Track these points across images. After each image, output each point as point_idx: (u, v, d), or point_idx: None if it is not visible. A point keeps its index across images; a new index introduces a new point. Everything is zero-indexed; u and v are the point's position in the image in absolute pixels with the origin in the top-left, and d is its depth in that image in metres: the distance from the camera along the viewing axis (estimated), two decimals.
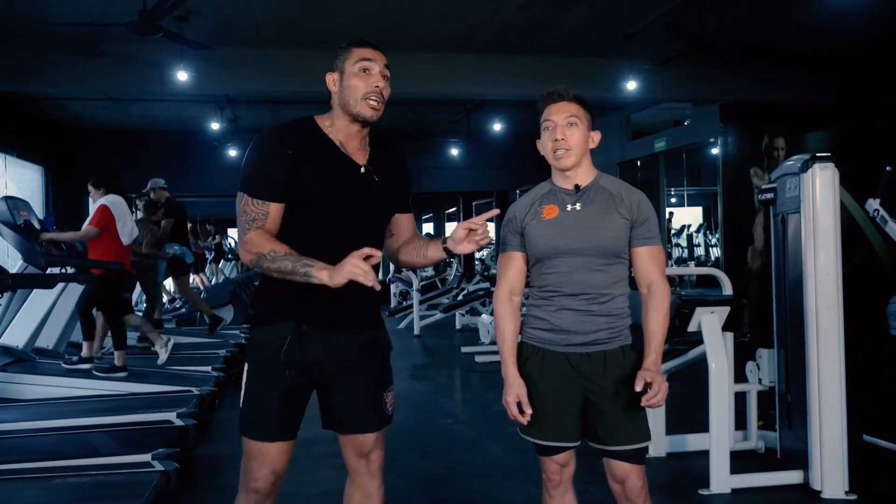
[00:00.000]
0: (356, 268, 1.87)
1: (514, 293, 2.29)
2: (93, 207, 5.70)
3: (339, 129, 2.08)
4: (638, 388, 2.08)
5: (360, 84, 2.03)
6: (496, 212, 2.18)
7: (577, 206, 2.21)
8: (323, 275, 1.90)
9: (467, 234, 2.09)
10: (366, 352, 2.12)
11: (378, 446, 2.16)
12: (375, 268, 2.05)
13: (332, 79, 2.08)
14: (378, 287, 1.91)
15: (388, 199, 2.18)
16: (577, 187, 2.23)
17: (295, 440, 2.11)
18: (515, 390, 2.16)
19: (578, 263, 2.17)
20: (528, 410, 2.14)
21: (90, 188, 5.83)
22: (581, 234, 2.17)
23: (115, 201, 5.67)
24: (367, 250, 1.90)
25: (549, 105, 2.23)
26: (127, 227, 5.69)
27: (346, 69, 2.05)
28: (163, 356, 5.95)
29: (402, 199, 2.25)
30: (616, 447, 2.18)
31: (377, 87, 2.03)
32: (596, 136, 2.25)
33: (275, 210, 2.01)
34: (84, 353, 5.73)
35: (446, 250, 2.14)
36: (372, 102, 2.03)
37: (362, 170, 2.09)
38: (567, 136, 2.19)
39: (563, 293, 2.19)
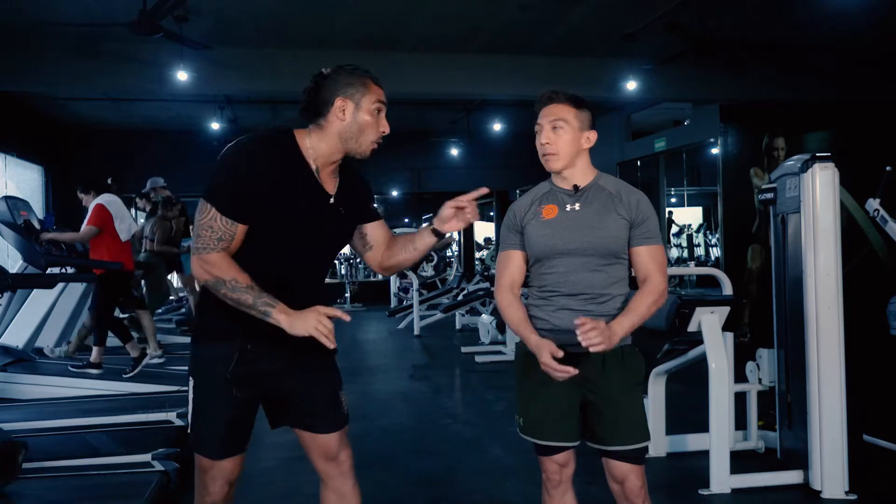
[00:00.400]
0: (320, 325, 1.87)
1: (514, 286, 2.29)
2: (89, 208, 5.70)
3: (321, 154, 2.01)
4: (580, 328, 2.02)
5: (373, 126, 2.00)
6: (485, 190, 2.12)
7: (577, 207, 2.21)
8: (282, 318, 1.88)
9: (455, 212, 2.07)
10: (313, 357, 2.07)
11: (345, 445, 2.16)
12: (319, 287, 2.11)
13: (344, 106, 1.98)
14: (333, 346, 1.90)
15: (348, 227, 2.15)
16: (575, 188, 2.23)
17: (245, 452, 2.12)
18: (546, 348, 2.10)
19: (577, 263, 2.17)
20: (560, 354, 2.08)
21: (80, 195, 5.82)
22: (580, 234, 2.17)
23: (110, 199, 5.67)
24: (337, 312, 1.91)
25: (539, 108, 2.24)
26: (125, 224, 5.69)
27: (363, 105, 1.99)
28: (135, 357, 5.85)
29: (367, 212, 2.20)
30: (615, 447, 2.18)
31: (384, 132, 2.03)
32: (591, 136, 2.23)
33: (241, 231, 1.95)
34: (93, 357, 5.58)
35: (435, 232, 2.11)
36: (375, 146, 2.03)
37: (331, 200, 2.04)
38: (551, 140, 2.19)
39: (562, 293, 2.19)
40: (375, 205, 2.28)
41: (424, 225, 2.14)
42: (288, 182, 1.96)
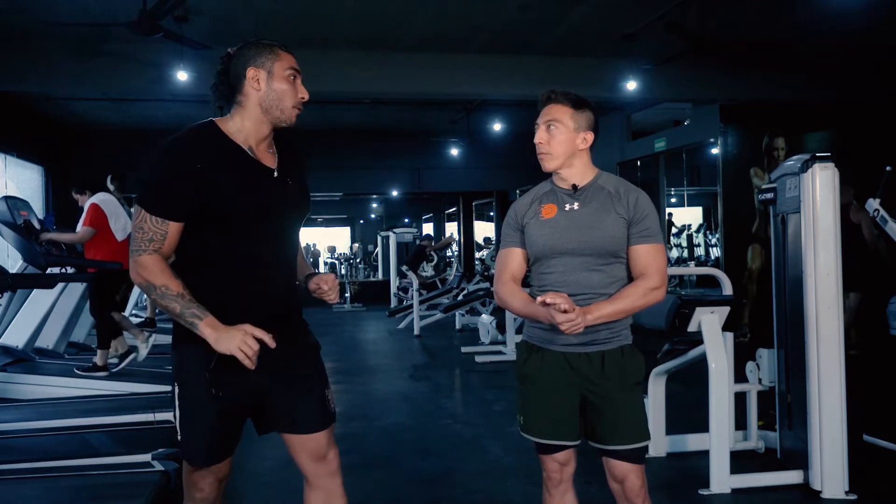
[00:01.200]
0: (245, 345, 1.83)
1: (515, 280, 2.28)
2: (84, 208, 5.68)
3: (249, 133, 2.00)
4: (558, 304, 2.00)
5: (290, 91, 1.99)
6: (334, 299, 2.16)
7: (575, 206, 2.21)
8: (208, 332, 1.86)
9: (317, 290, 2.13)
10: (298, 355, 2.08)
11: (332, 445, 2.14)
12: (292, 272, 2.11)
13: (256, 75, 1.97)
14: (253, 367, 1.86)
15: (300, 202, 2.11)
16: (574, 187, 2.23)
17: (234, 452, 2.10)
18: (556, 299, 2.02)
19: (576, 263, 2.17)
20: (569, 304, 2.02)
21: (76, 196, 5.80)
22: (578, 233, 2.17)
23: (104, 199, 5.66)
24: (264, 336, 1.86)
25: (539, 107, 2.26)
26: (120, 223, 5.67)
27: (275, 72, 1.98)
28: (143, 352, 5.91)
29: (309, 204, 2.18)
30: (615, 447, 2.18)
31: (303, 97, 2.02)
32: (588, 137, 2.23)
33: (174, 230, 1.92)
34: (97, 361, 5.56)
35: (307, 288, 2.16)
36: (297, 111, 2.02)
37: (275, 174, 2.02)
38: (544, 139, 2.20)
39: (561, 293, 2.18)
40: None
41: (308, 275, 2.19)
42: (222, 166, 1.94)
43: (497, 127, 12.84)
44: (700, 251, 15.37)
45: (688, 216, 15.62)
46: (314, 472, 2.12)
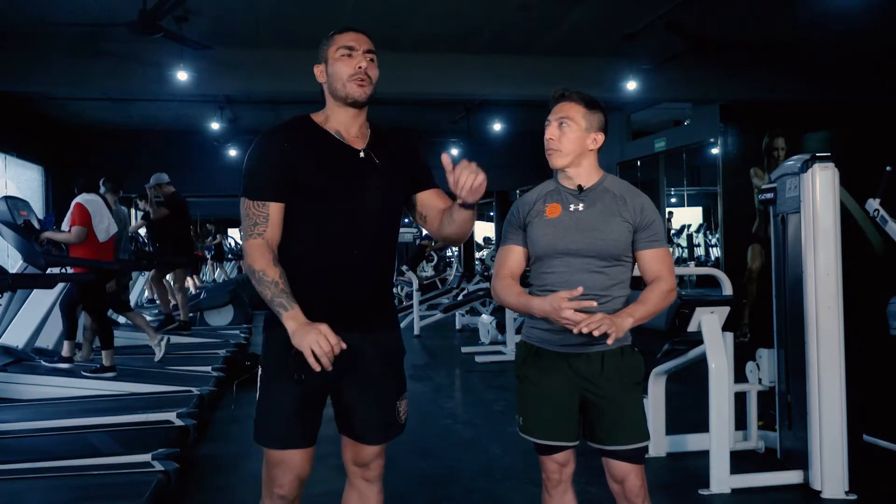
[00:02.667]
0: (317, 345, 1.80)
1: (513, 276, 2.27)
2: (71, 207, 5.65)
3: (336, 119, 2.05)
4: (587, 328, 1.99)
5: (343, 67, 2.01)
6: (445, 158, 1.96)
7: (580, 207, 2.21)
8: (290, 324, 1.86)
9: (457, 182, 1.92)
10: (379, 357, 2.05)
11: (380, 456, 2.11)
12: (383, 270, 2.06)
13: (319, 70, 2.07)
14: (318, 369, 1.81)
15: (391, 182, 2.07)
16: (579, 188, 2.23)
17: (315, 445, 2.05)
18: (558, 301, 2.02)
19: (578, 264, 2.17)
20: (578, 291, 2.02)
21: (77, 193, 5.80)
22: (581, 235, 2.17)
23: (88, 199, 5.65)
24: (340, 343, 1.82)
25: (551, 104, 2.25)
26: (103, 225, 5.67)
27: (329, 56, 2.03)
28: (158, 354, 6.02)
29: (416, 177, 2.13)
30: (615, 447, 2.18)
31: (361, 66, 2.00)
32: (599, 138, 2.23)
33: (275, 211, 1.96)
34: (64, 351, 5.71)
35: (464, 206, 1.98)
36: (358, 81, 2.00)
37: (361, 154, 2.03)
38: (556, 136, 2.20)
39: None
40: (429, 172, 2.18)
41: (451, 203, 2.05)
42: (310, 148, 1.99)
43: (497, 127, 12.84)
44: (700, 251, 15.38)
45: (688, 216, 15.63)
46: (354, 473, 2.13)
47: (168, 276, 8.17)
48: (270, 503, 2.05)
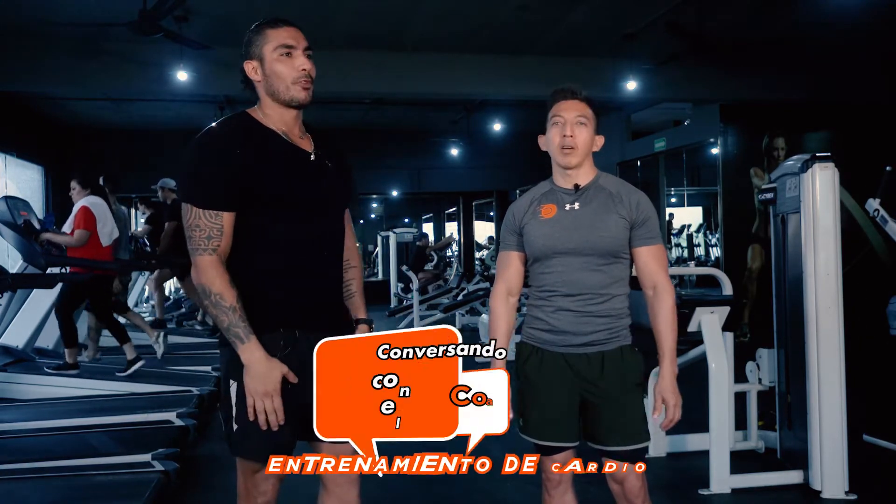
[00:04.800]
0: (261, 403, 1.81)
1: (511, 293, 2.29)
2: (75, 209, 5.63)
3: (278, 119, 1.95)
4: (655, 416, 2.16)
5: (284, 69, 1.91)
6: None
7: (576, 206, 2.20)
8: (246, 357, 1.82)
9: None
10: None
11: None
12: (339, 261, 2.02)
13: (251, 67, 1.95)
14: (264, 427, 1.84)
15: (343, 184, 2.04)
16: (576, 187, 2.23)
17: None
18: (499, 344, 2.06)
19: (576, 263, 2.17)
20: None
21: (75, 185, 5.74)
22: (578, 233, 2.17)
23: (94, 202, 5.62)
24: (290, 377, 1.83)
25: (559, 101, 2.21)
26: (107, 229, 5.65)
27: (265, 55, 1.92)
28: (159, 351, 6.08)
29: (350, 192, 2.12)
30: (614, 447, 2.18)
31: (304, 69, 1.91)
32: (599, 140, 2.24)
33: (228, 222, 1.85)
34: (68, 358, 5.51)
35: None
36: (303, 84, 1.92)
37: (312, 157, 1.96)
38: (576, 133, 2.18)
39: (560, 293, 2.18)
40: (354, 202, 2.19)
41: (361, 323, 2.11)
42: (260, 150, 1.88)
43: (497, 127, 12.84)
44: (700, 251, 15.36)
45: (688, 216, 15.61)
46: (331, 478, 2.02)
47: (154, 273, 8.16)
48: None
